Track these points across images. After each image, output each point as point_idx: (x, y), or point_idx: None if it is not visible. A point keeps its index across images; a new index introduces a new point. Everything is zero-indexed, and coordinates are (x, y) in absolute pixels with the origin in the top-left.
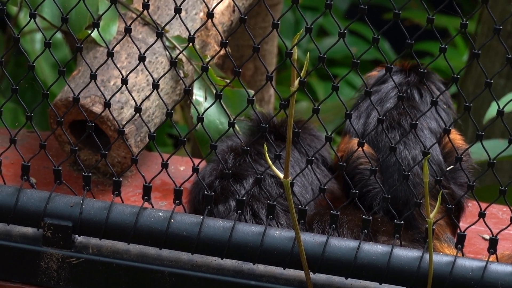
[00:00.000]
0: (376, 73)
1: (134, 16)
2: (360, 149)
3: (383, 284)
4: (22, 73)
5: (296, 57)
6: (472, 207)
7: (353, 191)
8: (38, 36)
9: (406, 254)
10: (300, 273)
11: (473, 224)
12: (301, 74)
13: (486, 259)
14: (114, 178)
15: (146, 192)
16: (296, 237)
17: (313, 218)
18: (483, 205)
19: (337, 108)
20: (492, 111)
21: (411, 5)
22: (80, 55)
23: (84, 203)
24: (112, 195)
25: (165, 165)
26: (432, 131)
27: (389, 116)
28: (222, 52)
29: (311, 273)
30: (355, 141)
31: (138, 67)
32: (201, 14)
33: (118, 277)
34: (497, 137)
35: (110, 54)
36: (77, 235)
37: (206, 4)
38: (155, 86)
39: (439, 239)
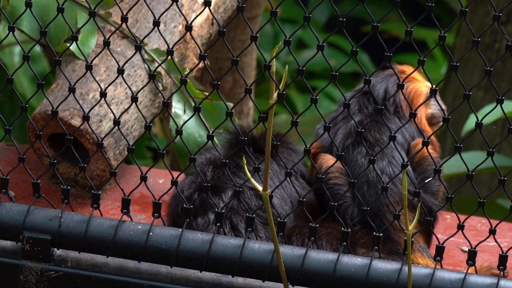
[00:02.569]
0: None
1: (113, 29)
2: (328, 163)
3: None
4: (1, 86)
5: (275, 70)
6: (451, 219)
7: (332, 203)
8: (17, 49)
9: (385, 266)
10: (279, 286)
11: (452, 236)
12: (280, 87)
13: (465, 271)
14: (93, 191)
15: (125, 205)
16: (275, 250)
17: (292, 230)
18: (462, 217)
19: (316, 121)
20: (470, 123)
21: (389, 18)
22: (58, 68)
23: (63, 216)
24: (91, 208)
25: (144, 178)
26: (398, 143)
27: (354, 132)
28: (201, 65)
29: (290, 286)
30: (325, 156)
31: (117, 80)
32: (180, 27)
33: None
34: (476, 149)
35: (89, 67)
36: (56, 249)
37: (184, 17)
38: (134, 99)
39: (412, 248)
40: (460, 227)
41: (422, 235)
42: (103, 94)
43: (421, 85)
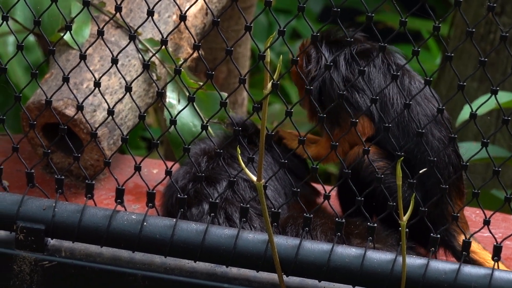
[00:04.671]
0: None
1: (107, 18)
2: (372, 152)
3: (356, 287)
4: None
5: (269, 60)
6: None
7: (359, 198)
8: (11, 39)
9: (379, 256)
10: (274, 276)
11: (446, 227)
12: (274, 77)
13: (459, 262)
14: (87, 181)
15: (119, 195)
16: (269, 240)
17: (287, 221)
18: (456, 208)
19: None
20: (464, 114)
21: (384, 8)
22: (52, 58)
23: (57, 206)
24: (85, 198)
25: (138, 168)
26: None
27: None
28: (195, 54)
29: (284, 276)
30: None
31: (111, 70)
32: (174, 16)
33: (91, 280)
34: (470, 139)
35: (83, 57)
36: (49, 238)
37: (179, 6)
38: (128, 88)
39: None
40: (455, 217)
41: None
42: (97, 84)
43: None
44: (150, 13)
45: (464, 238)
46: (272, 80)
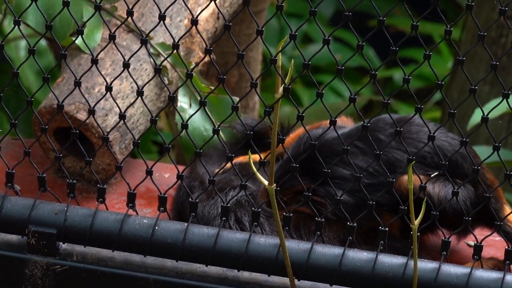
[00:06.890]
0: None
1: (119, 23)
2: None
3: None
4: (6, 80)
5: (280, 64)
6: None
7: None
8: (23, 43)
9: (390, 260)
10: (285, 280)
11: (459, 230)
12: (286, 81)
13: (471, 266)
14: (98, 185)
15: (131, 199)
16: (281, 244)
17: (299, 221)
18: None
19: (319, 112)
20: (476, 117)
21: (395, 12)
22: (64, 62)
23: (69, 210)
24: (96, 202)
25: (149, 172)
26: None
27: None
28: (207, 59)
29: (296, 280)
30: None
31: (122, 74)
32: (186, 21)
33: (103, 284)
34: (482, 143)
35: (95, 61)
36: (61, 243)
37: (190, 11)
38: (140, 93)
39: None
40: (466, 221)
41: None
42: (108, 88)
43: None
44: (162, 17)
45: (475, 243)
46: (283, 84)
